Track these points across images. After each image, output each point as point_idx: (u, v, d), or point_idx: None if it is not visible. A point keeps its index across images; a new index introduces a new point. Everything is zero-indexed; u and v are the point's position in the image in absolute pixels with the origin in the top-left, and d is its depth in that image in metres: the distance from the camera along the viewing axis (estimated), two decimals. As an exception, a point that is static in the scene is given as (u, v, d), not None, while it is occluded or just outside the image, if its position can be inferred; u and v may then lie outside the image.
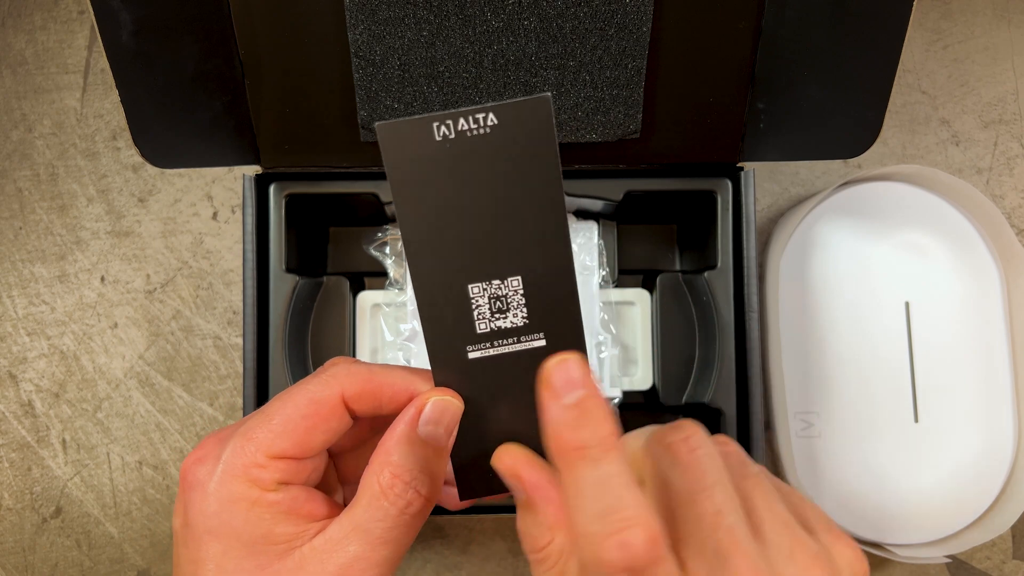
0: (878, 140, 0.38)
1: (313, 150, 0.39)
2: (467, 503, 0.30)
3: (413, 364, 0.43)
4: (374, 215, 0.44)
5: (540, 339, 0.27)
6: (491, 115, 0.24)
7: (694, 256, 0.45)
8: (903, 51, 0.36)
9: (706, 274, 0.41)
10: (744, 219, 0.40)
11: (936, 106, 0.50)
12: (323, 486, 0.30)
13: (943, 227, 0.46)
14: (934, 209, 0.46)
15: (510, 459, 0.27)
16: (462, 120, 0.24)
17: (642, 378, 0.44)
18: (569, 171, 0.40)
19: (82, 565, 0.47)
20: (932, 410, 0.45)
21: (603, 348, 0.43)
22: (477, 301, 0.26)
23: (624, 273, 0.47)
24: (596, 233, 0.44)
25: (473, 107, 0.24)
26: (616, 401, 0.44)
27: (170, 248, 0.49)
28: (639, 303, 0.45)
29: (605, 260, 0.44)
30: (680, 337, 0.44)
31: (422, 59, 0.36)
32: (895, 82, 0.36)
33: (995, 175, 0.50)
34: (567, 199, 0.42)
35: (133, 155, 0.49)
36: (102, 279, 0.49)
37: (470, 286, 0.26)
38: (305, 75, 0.37)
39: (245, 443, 0.27)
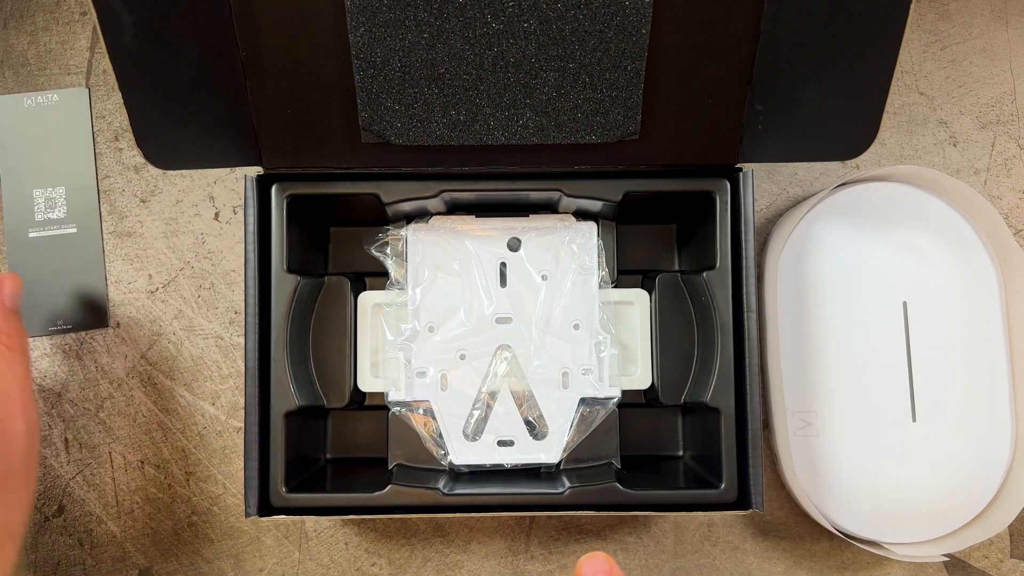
0: (876, 141, 0.38)
1: (315, 151, 0.40)
2: None
3: (414, 364, 0.43)
4: (375, 215, 0.44)
5: None
6: None
7: (693, 256, 0.45)
8: (901, 52, 0.36)
9: (705, 274, 0.41)
10: (743, 219, 0.40)
11: (934, 107, 0.50)
12: None
13: (941, 227, 0.46)
14: (932, 210, 0.47)
15: None
16: None
17: (641, 377, 0.44)
18: (568, 172, 0.41)
19: (84, 564, 0.48)
20: (930, 409, 0.45)
21: (602, 348, 0.44)
22: None
23: (623, 273, 0.47)
24: (595, 233, 0.44)
25: None
26: (615, 401, 0.44)
27: (172, 248, 0.49)
28: (638, 303, 0.45)
29: (604, 260, 0.44)
30: (679, 337, 0.45)
31: (423, 61, 0.36)
32: (893, 83, 0.37)
33: (993, 176, 0.50)
34: (566, 200, 0.42)
35: (135, 156, 0.50)
36: (104, 279, 0.49)
37: None
38: (306, 77, 0.37)
39: None
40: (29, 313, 0.48)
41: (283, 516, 0.40)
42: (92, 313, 0.49)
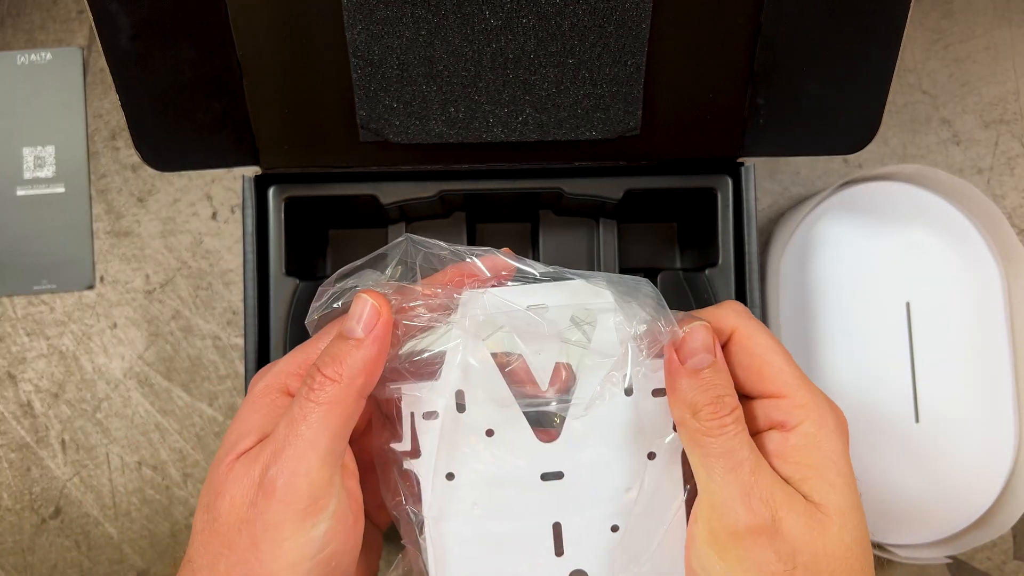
0: (879, 139, 0.38)
1: (312, 150, 0.39)
2: None
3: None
4: (374, 217, 0.44)
5: None
6: None
7: (695, 254, 0.44)
8: (904, 51, 0.36)
9: (707, 272, 0.41)
10: (745, 215, 0.40)
11: (937, 106, 0.50)
12: None
13: (944, 227, 0.46)
14: (935, 209, 0.46)
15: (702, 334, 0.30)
16: None
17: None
18: (569, 169, 0.40)
19: (81, 566, 0.47)
20: (933, 410, 0.45)
21: None
22: None
23: (625, 272, 0.46)
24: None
25: None
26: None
27: (169, 248, 0.49)
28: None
29: (604, 259, 0.44)
30: (680, 336, 0.44)
31: (421, 58, 0.36)
32: (896, 82, 0.36)
33: (996, 175, 0.50)
34: (567, 198, 0.41)
35: (132, 155, 0.49)
36: (101, 279, 0.49)
37: None
38: (303, 75, 0.37)
39: None
40: (13, 272, 0.48)
41: None
42: (77, 273, 0.48)
